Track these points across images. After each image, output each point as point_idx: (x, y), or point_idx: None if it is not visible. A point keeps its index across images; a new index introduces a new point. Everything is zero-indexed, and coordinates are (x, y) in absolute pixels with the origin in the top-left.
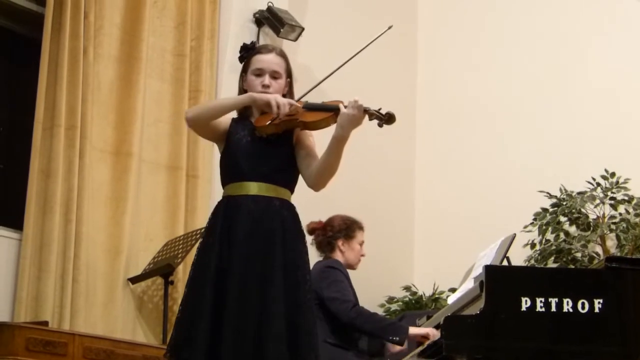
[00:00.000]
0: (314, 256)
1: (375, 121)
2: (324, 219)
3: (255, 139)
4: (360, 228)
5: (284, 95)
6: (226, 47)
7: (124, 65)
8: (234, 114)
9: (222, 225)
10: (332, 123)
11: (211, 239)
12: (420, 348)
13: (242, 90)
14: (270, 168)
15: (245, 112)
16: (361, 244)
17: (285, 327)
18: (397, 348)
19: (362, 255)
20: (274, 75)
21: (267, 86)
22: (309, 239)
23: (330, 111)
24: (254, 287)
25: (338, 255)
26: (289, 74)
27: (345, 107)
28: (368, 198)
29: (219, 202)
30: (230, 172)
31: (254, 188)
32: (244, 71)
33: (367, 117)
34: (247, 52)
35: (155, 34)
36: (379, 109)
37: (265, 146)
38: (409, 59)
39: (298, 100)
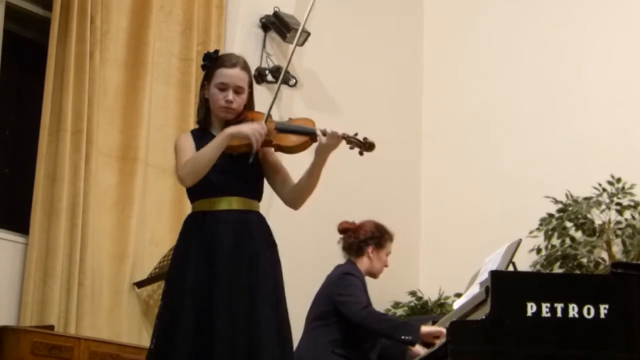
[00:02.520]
0: (338, 257)
1: (356, 149)
2: (329, 226)
3: (223, 154)
4: (391, 239)
5: (244, 106)
6: (232, 51)
7: (130, 69)
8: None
9: (201, 238)
10: (308, 147)
11: (187, 252)
12: (431, 350)
13: (203, 100)
14: (242, 183)
15: (204, 123)
16: (388, 254)
17: (276, 332)
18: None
19: (386, 266)
20: (238, 91)
21: (231, 101)
22: (336, 237)
23: (306, 135)
24: (242, 297)
25: (364, 262)
26: (250, 85)
27: (322, 132)
28: (374, 202)
29: (192, 215)
30: (202, 189)
31: (229, 203)
32: (207, 80)
33: (345, 142)
34: (211, 62)
35: (161, 38)
36: (356, 134)
37: (233, 161)
38: (415, 66)
39: (267, 118)
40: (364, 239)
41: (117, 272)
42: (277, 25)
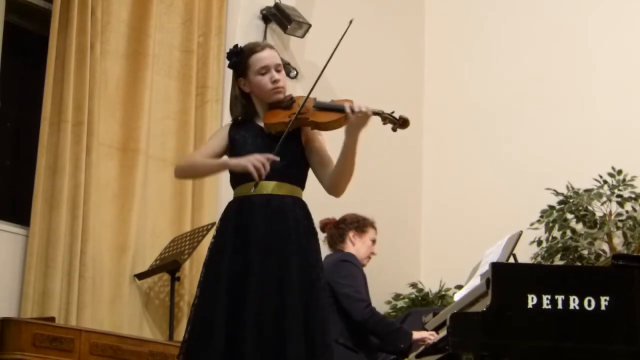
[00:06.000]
0: (325, 252)
1: (389, 125)
2: (331, 217)
3: (262, 138)
4: (373, 226)
5: None
6: (233, 43)
7: (131, 61)
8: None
9: (235, 226)
10: (344, 124)
11: (223, 240)
12: (420, 350)
13: (242, 95)
14: (280, 167)
15: (246, 115)
16: (373, 241)
17: (303, 326)
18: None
19: (373, 254)
20: (278, 69)
21: (278, 80)
22: (321, 236)
23: (342, 112)
24: (272, 287)
25: (349, 247)
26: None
27: (351, 109)
28: (375, 195)
29: (230, 203)
30: (239, 174)
31: (265, 187)
32: (242, 75)
33: (380, 120)
34: (238, 56)
35: (162, 30)
36: (392, 112)
37: (273, 144)
38: (416, 58)
39: (308, 97)
40: (344, 226)
41: (118, 264)
42: (278, 17)
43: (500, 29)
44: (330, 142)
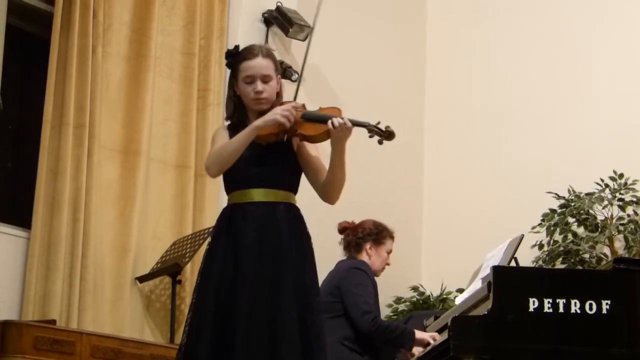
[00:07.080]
0: (339, 255)
1: (376, 138)
2: (330, 220)
3: (254, 145)
4: (391, 237)
5: (277, 94)
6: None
7: (133, 63)
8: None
9: (228, 233)
10: (330, 137)
11: (216, 246)
12: (425, 351)
13: (235, 96)
14: (273, 173)
15: (240, 116)
16: (389, 252)
17: (298, 330)
18: None
19: (387, 264)
20: (265, 80)
21: (260, 92)
22: (337, 238)
23: (325, 124)
24: (265, 293)
25: (364, 258)
26: (278, 71)
27: (333, 125)
28: (376, 198)
29: (224, 209)
30: (232, 180)
31: (258, 195)
32: (234, 77)
33: (367, 132)
34: (234, 59)
35: (164, 32)
36: (378, 123)
37: (265, 151)
38: (418, 60)
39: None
40: (362, 236)
41: (119, 266)
42: (279, 20)
43: (501, 32)
44: (325, 144)
